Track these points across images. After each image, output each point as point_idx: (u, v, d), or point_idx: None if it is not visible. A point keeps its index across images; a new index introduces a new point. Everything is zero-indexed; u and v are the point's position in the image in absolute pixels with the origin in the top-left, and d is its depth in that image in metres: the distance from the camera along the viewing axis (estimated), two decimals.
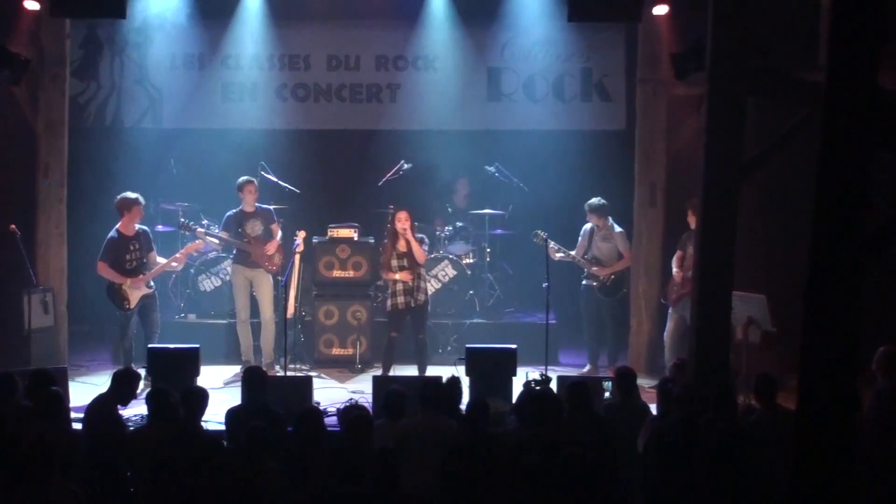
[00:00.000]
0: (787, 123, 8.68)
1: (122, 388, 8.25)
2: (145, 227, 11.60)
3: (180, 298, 13.14)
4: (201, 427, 7.83)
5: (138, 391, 8.54)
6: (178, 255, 11.68)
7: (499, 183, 13.52)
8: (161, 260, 11.52)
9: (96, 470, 6.40)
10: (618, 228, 12.16)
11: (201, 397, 7.78)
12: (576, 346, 12.61)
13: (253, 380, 8.43)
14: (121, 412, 8.49)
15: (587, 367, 12.10)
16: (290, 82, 13.85)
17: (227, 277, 12.69)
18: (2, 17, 11.90)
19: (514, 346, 10.16)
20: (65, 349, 12.31)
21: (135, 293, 11.25)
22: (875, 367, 8.46)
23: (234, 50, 13.64)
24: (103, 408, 8.09)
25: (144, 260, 11.38)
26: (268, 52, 13.68)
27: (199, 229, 12.02)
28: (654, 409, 8.56)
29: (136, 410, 9.49)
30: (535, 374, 10.20)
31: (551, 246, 11.84)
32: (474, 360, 10.05)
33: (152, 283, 11.52)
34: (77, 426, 8.24)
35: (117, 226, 11.34)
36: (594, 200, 12.04)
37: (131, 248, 11.32)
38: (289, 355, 11.53)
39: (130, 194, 11.36)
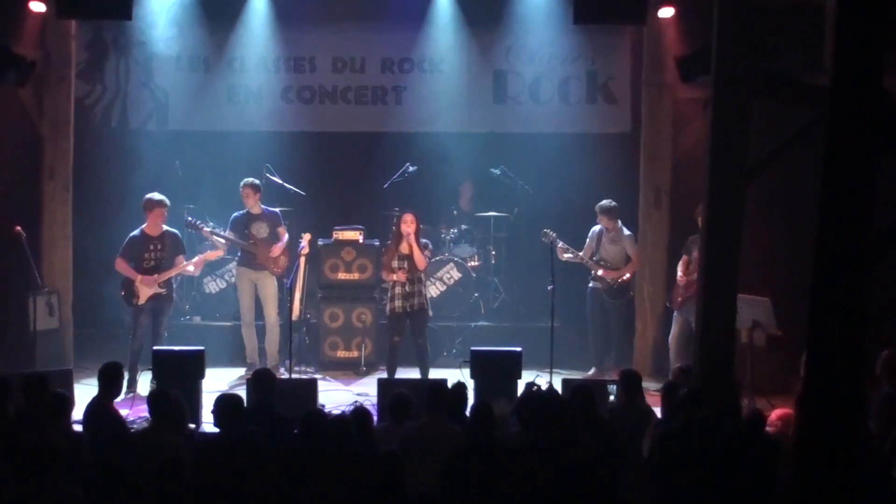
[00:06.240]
0: (792, 127, 8.67)
1: (110, 383, 8.23)
2: (176, 231, 11.61)
3: (186, 301, 13.14)
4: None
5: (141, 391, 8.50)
6: (195, 261, 11.68)
7: (504, 185, 13.51)
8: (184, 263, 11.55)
9: (98, 471, 6.39)
10: (627, 231, 12.14)
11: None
12: (581, 348, 12.58)
13: (261, 382, 8.40)
14: (125, 413, 8.49)
15: (592, 370, 12.08)
16: (295, 84, 13.84)
17: (233, 280, 12.70)
18: (8, 18, 11.92)
19: (518, 349, 10.15)
20: (70, 351, 12.30)
21: (145, 290, 11.26)
22: (880, 371, 8.45)
23: (240, 52, 13.63)
24: (99, 408, 8.09)
25: (165, 261, 11.38)
26: (273, 55, 13.67)
27: (206, 228, 12.03)
28: (658, 412, 8.56)
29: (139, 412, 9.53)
30: (541, 379, 10.20)
31: (560, 246, 11.84)
32: (479, 363, 10.04)
33: (174, 285, 11.55)
34: (79, 428, 8.23)
35: (143, 225, 11.37)
36: (605, 202, 12.02)
37: (152, 247, 11.34)
38: (294, 358, 11.53)
39: (155, 196, 11.39)
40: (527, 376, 10.13)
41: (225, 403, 7.56)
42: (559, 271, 11.54)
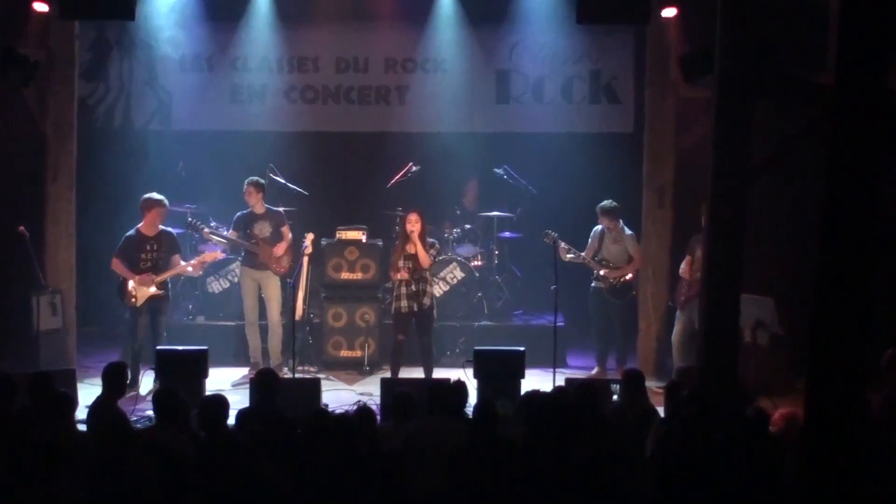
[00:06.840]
0: (796, 126, 8.67)
1: (113, 383, 8.22)
2: (171, 230, 11.60)
3: (189, 300, 13.14)
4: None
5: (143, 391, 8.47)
6: (193, 262, 11.68)
7: (507, 185, 13.50)
8: (181, 263, 11.54)
9: (102, 470, 6.39)
10: (628, 231, 12.14)
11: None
12: (584, 348, 12.59)
13: (265, 383, 8.39)
14: (128, 412, 8.48)
15: (595, 370, 12.08)
16: (298, 84, 13.86)
17: (236, 279, 12.69)
18: (11, 18, 11.92)
19: (522, 349, 10.16)
20: (73, 351, 12.30)
21: (142, 291, 11.24)
22: (884, 370, 8.44)
23: (244, 52, 13.66)
24: (103, 408, 8.09)
25: (161, 262, 11.37)
26: (277, 55, 13.70)
27: (206, 229, 12.02)
28: (661, 411, 8.56)
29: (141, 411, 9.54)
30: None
31: (562, 246, 11.83)
32: (482, 363, 10.05)
33: (169, 285, 11.54)
34: (83, 428, 8.24)
35: (139, 225, 11.36)
36: (606, 203, 12.02)
37: (148, 247, 11.33)
38: (297, 357, 11.53)
39: (155, 196, 11.37)
40: (530, 376, 10.14)
41: (207, 406, 7.49)
42: (562, 271, 11.54)
